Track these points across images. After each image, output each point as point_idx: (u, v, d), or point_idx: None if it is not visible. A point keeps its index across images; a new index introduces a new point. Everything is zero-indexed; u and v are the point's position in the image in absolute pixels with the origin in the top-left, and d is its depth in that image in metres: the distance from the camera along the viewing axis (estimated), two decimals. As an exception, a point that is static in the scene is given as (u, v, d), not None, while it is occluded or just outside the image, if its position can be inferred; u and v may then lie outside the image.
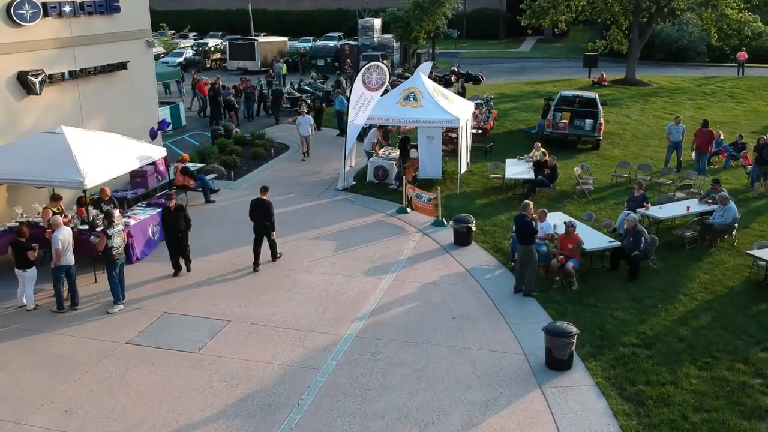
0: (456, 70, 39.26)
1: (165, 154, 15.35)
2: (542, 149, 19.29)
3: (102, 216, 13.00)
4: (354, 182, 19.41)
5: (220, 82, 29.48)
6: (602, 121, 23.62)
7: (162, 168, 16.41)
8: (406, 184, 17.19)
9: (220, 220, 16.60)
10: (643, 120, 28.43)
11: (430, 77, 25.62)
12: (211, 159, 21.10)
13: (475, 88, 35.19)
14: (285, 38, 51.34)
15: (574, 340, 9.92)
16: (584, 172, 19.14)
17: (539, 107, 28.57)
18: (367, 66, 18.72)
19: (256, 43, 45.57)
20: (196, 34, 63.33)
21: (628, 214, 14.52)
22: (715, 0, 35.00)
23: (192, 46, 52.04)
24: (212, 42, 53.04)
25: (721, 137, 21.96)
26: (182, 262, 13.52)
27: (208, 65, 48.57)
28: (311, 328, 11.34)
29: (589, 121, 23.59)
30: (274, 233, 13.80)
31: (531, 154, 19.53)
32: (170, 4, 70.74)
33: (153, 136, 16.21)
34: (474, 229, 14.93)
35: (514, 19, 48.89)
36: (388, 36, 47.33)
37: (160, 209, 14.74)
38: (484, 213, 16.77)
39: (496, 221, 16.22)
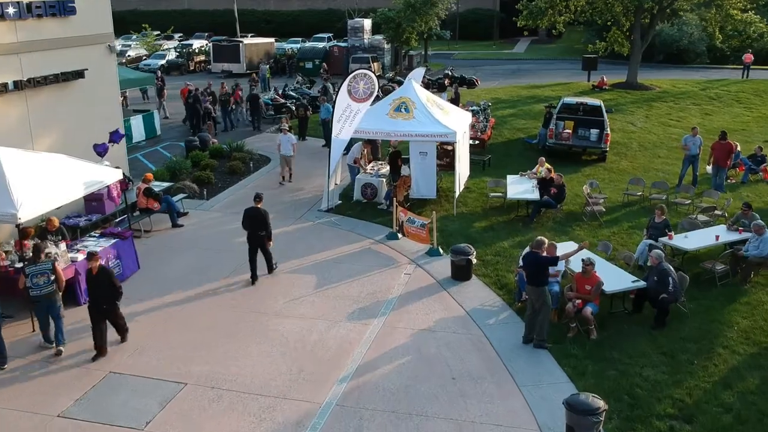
0: (449, 73, 37.54)
1: (121, 177, 13.41)
2: (547, 165, 17.50)
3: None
4: (340, 201, 17.54)
5: (211, 88, 27.61)
6: (609, 131, 21.82)
7: (116, 193, 14.46)
8: (397, 206, 15.37)
9: (187, 248, 14.71)
10: (648, 127, 26.69)
11: (421, 82, 23.85)
12: (183, 175, 19.18)
13: (469, 93, 33.37)
14: (272, 39, 49.49)
15: (603, 418, 8.11)
16: (593, 190, 17.36)
17: (538, 113, 26.82)
18: (353, 74, 16.83)
19: (241, 44, 43.66)
20: (181, 35, 61.32)
21: (649, 245, 12.78)
22: (720, 0, 33.42)
23: (175, 48, 49.95)
24: (197, 43, 50.94)
25: (738, 149, 20.24)
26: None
27: (191, 68, 46.66)
28: (283, 393, 9.48)
29: (594, 131, 21.78)
30: (271, 242, 13.12)
31: (534, 170, 17.70)
32: (156, 4, 68.96)
33: (102, 151, 14.31)
34: (474, 261, 13.12)
35: (508, 19, 47.20)
36: (378, 37, 45.50)
37: (115, 240, 12.93)
38: (485, 239, 14.97)
39: (498, 249, 14.41)
